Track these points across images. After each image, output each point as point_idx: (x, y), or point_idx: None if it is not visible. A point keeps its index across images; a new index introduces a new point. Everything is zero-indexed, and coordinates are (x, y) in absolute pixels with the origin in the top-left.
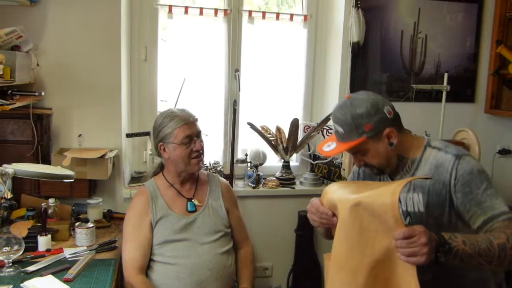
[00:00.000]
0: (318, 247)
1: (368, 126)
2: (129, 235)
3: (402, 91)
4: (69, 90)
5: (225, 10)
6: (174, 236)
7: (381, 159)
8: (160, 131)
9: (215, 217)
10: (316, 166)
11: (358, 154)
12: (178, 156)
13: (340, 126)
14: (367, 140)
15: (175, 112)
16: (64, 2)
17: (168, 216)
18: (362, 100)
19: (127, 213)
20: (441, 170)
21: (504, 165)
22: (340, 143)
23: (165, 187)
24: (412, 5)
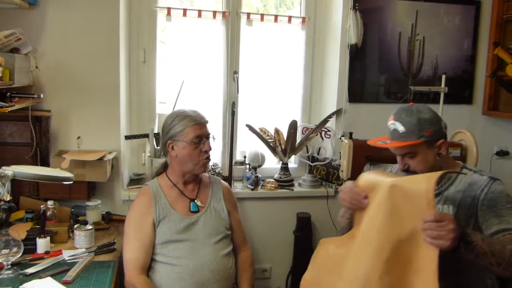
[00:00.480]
0: None
1: (429, 132)
2: (131, 234)
3: (400, 93)
4: (68, 92)
5: (223, 13)
6: (176, 236)
7: (426, 166)
8: (171, 129)
9: (217, 219)
10: (314, 168)
11: (408, 156)
12: (186, 154)
13: (402, 125)
14: (422, 144)
15: (187, 112)
16: (63, 4)
17: (171, 216)
18: (426, 109)
19: (129, 213)
20: (474, 187)
21: (502, 166)
22: (396, 141)
23: (168, 187)
24: (409, 7)
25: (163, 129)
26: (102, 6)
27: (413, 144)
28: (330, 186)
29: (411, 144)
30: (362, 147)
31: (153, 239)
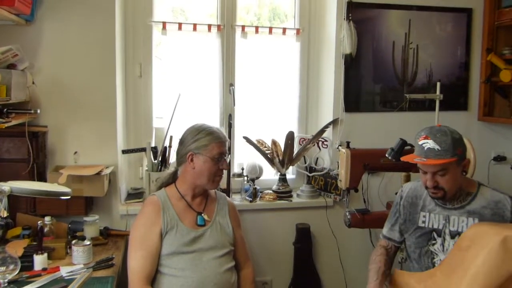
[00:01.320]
0: (317, 259)
1: (460, 150)
2: (138, 243)
3: (395, 101)
4: (64, 108)
5: (218, 26)
6: (182, 248)
7: (454, 183)
8: (195, 141)
9: (222, 234)
10: (312, 178)
11: (439, 173)
12: (205, 169)
13: (438, 145)
14: (454, 162)
15: (212, 128)
16: (59, 20)
17: (178, 227)
18: (454, 130)
19: (135, 221)
20: (500, 205)
21: (499, 171)
22: (432, 159)
23: (176, 199)
24: (402, 16)
25: (184, 139)
26: (98, 21)
27: (449, 162)
28: (328, 196)
29: (447, 162)
30: (360, 155)
31: (159, 249)
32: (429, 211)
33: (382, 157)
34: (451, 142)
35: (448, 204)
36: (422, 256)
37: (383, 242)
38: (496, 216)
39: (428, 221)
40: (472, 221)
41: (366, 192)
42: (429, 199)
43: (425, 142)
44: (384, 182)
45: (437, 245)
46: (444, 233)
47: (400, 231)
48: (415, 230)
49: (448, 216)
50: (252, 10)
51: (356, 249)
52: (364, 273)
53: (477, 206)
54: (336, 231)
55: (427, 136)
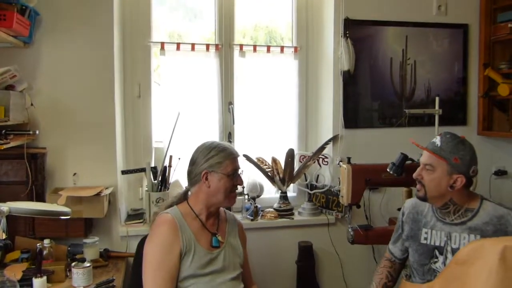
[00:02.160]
0: (320, 277)
1: (456, 160)
2: (156, 264)
3: (394, 117)
4: (63, 129)
5: (216, 45)
6: (199, 271)
7: (435, 188)
8: (210, 159)
9: (234, 255)
10: (314, 196)
11: (427, 167)
12: (222, 187)
13: (440, 142)
14: (444, 165)
15: (224, 145)
16: (58, 42)
17: (196, 249)
18: (470, 146)
19: (150, 243)
20: (503, 221)
21: (501, 186)
22: (427, 150)
23: (191, 218)
24: (399, 33)
25: (196, 158)
26: (96, 43)
27: (437, 159)
28: (330, 213)
29: (436, 158)
30: (361, 171)
31: (178, 270)
32: (431, 228)
33: (383, 172)
34: (452, 146)
35: (447, 218)
36: (425, 274)
37: (388, 255)
38: (499, 233)
39: (430, 238)
40: (474, 238)
41: (368, 208)
42: (431, 214)
43: (436, 137)
44: (386, 198)
45: (439, 263)
46: (446, 250)
47: (401, 249)
48: (417, 247)
49: (450, 233)
50: (249, 33)
51: (359, 267)
52: None
53: (479, 222)
54: (338, 248)
55: (441, 134)
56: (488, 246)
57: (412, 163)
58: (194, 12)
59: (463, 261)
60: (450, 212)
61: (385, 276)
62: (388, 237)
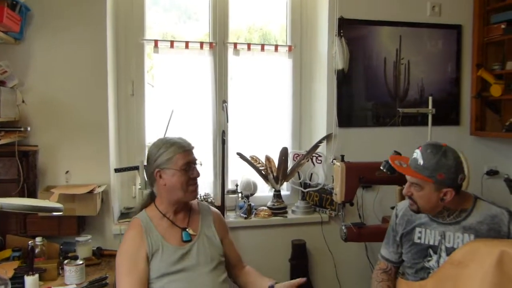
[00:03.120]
0: (314, 275)
1: (441, 176)
2: (125, 270)
3: (388, 117)
4: (55, 127)
5: (210, 43)
6: (171, 268)
7: (426, 204)
8: (158, 157)
9: (210, 246)
10: (307, 194)
11: (415, 186)
12: (176, 182)
13: (423, 159)
14: (430, 184)
15: (174, 139)
16: (49, 39)
17: (164, 248)
18: (453, 155)
19: (120, 248)
20: (496, 220)
21: (492, 186)
22: (410, 169)
23: (158, 218)
24: (393, 32)
25: (149, 158)
26: (89, 40)
27: (422, 179)
28: (324, 212)
29: (420, 178)
30: (355, 169)
31: (148, 273)
32: (425, 227)
33: (377, 170)
34: (434, 163)
35: (441, 219)
36: (418, 272)
37: (382, 265)
38: (492, 232)
39: (424, 237)
40: (468, 237)
41: (361, 207)
42: (424, 215)
43: (416, 151)
44: (379, 197)
45: (433, 261)
46: (440, 249)
47: (397, 251)
48: (411, 246)
49: (444, 232)
50: (243, 35)
51: (353, 265)
52: None
53: (473, 221)
54: (332, 247)
55: (420, 147)
56: (484, 249)
57: None
58: (188, 14)
59: (458, 262)
60: (444, 216)
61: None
62: (381, 235)
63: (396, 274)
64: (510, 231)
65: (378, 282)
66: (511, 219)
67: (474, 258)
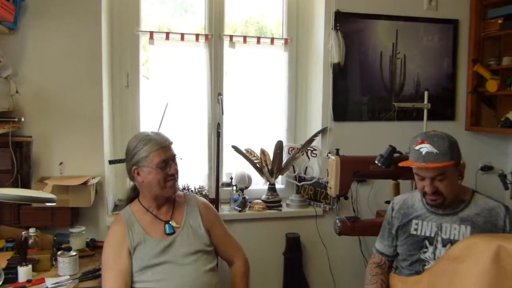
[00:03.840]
0: (307, 269)
1: (456, 155)
2: (109, 264)
3: (383, 111)
4: (49, 118)
5: (206, 35)
6: (153, 260)
7: (452, 188)
8: (134, 155)
9: (194, 237)
10: (302, 188)
11: (438, 177)
12: (153, 179)
13: (436, 148)
14: (452, 166)
15: (150, 136)
16: (44, 29)
17: (146, 241)
18: (449, 134)
19: (104, 243)
20: (493, 213)
21: (487, 181)
22: (431, 163)
23: (141, 213)
24: (389, 27)
25: (127, 154)
26: (83, 30)
27: (446, 166)
28: (318, 205)
29: (446, 165)
30: (349, 162)
31: (131, 267)
32: (422, 219)
33: (371, 164)
34: (448, 146)
35: (440, 210)
36: (413, 264)
37: (376, 259)
38: (489, 224)
39: (420, 229)
40: (464, 229)
41: (355, 201)
42: (421, 206)
43: (423, 146)
44: (374, 191)
45: (428, 253)
46: (436, 241)
47: (392, 246)
48: (407, 238)
49: (441, 223)
50: (239, 29)
51: (346, 259)
52: (354, 283)
53: (470, 213)
54: (326, 240)
55: (423, 141)
56: (481, 244)
57: (400, 155)
58: (184, 6)
59: (454, 257)
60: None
61: (380, 284)
62: (375, 229)
63: (389, 269)
64: (506, 225)
65: (372, 276)
66: (508, 213)
67: (471, 253)
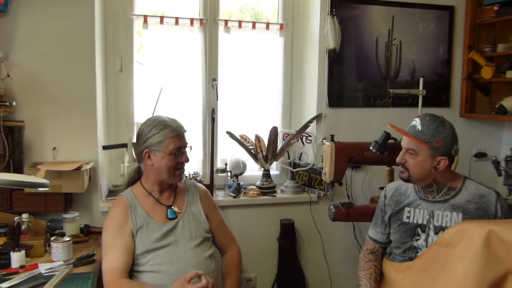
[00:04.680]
0: (302, 255)
1: (438, 143)
2: (110, 244)
3: (378, 97)
4: (42, 102)
5: (201, 20)
6: (155, 244)
7: (419, 171)
8: (149, 138)
9: (195, 223)
10: (296, 174)
11: (410, 152)
12: (164, 165)
13: (421, 125)
14: (427, 150)
15: (167, 121)
16: (35, 12)
17: (149, 224)
18: (450, 125)
19: (105, 225)
20: (484, 200)
21: (480, 168)
22: (409, 134)
23: (143, 196)
24: (385, 12)
25: (139, 136)
26: (76, 13)
27: (419, 144)
28: (312, 191)
29: (417, 142)
30: (344, 148)
31: (133, 248)
32: (414, 207)
33: (366, 150)
34: (433, 129)
35: (430, 196)
36: (406, 251)
37: (369, 246)
38: (480, 211)
39: (412, 216)
40: (456, 216)
41: (350, 187)
42: (413, 194)
43: (415, 120)
44: (368, 178)
45: (421, 240)
46: (429, 228)
47: (384, 233)
48: (399, 225)
49: (433, 211)
50: (235, 15)
51: (340, 245)
52: (348, 269)
53: (461, 200)
54: (320, 226)
55: (419, 116)
56: (473, 229)
57: (395, 142)
58: None
59: (446, 243)
60: (433, 191)
61: (373, 270)
62: (369, 215)
63: (383, 255)
64: (497, 211)
65: (365, 262)
66: (499, 199)
67: (463, 238)
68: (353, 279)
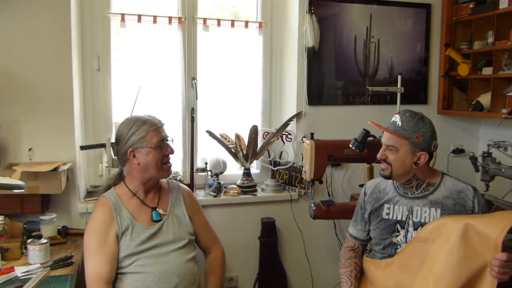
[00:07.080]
0: (282, 253)
1: (418, 138)
2: (94, 248)
3: (357, 95)
4: (17, 103)
5: (179, 18)
6: (140, 247)
7: (400, 167)
8: (131, 136)
9: (179, 225)
10: (277, 173)
11: (390, 149)
12: (151, 160)
13: (401, 121)
14: (407, 145)
15: (144, 117)
16: (9, 9)
17: (134, 227)
18: (429, 121)
19: (88, 226)
20: (462, 195)
21: (458, 164)
22: (389, 130)
23: (128, 197)
24: (363, 10)
25: (119, 138)
26: (52, 12)
27: (400, 139)
28: (293, 190)
29: (398, 137)
30: (324, 146)
31: (117, 252)
32: (393, 203)
33: (346, 148)
34: (413, 125)
35: (409, 192)
36: (386, 248)
37: (350, 243)
38: (458, 206)
39: (392, 212)
40: (435, 212)
41: (330, 185)
42: (392, 190)
43: (395, 116)
44: (348, 175)
45: (400, 236)
46: (408, 224)
47: (365, 229)
48: (379, 222)
49: (412, 207)
50: (214, 14)
51: (321, 243)
52: (329, 266)
53: (440, 196)
54: (301, 224)
55: (399, 112)
56: (450, 223)
57: (374, 139)
58: None
59: (425, 239)
60: (412, 187)
61: (354, 267)
62: (349, 212)
63: (363, 252)
64: (475, 206)
65: (345, 260)
66: (476, 195)
67: (441, 233)
68: (334, 276)
